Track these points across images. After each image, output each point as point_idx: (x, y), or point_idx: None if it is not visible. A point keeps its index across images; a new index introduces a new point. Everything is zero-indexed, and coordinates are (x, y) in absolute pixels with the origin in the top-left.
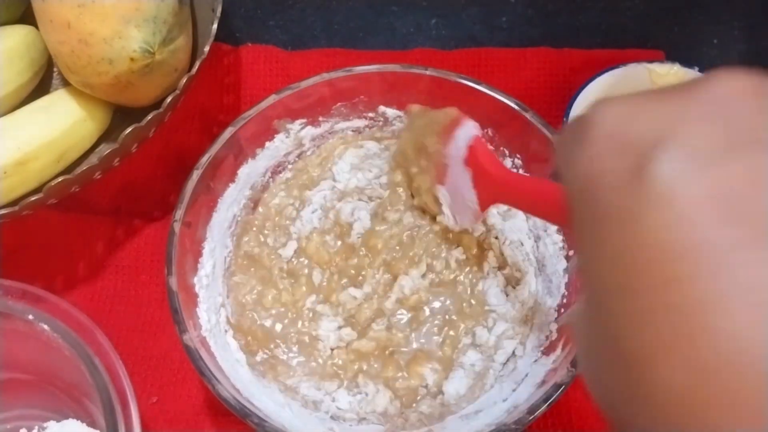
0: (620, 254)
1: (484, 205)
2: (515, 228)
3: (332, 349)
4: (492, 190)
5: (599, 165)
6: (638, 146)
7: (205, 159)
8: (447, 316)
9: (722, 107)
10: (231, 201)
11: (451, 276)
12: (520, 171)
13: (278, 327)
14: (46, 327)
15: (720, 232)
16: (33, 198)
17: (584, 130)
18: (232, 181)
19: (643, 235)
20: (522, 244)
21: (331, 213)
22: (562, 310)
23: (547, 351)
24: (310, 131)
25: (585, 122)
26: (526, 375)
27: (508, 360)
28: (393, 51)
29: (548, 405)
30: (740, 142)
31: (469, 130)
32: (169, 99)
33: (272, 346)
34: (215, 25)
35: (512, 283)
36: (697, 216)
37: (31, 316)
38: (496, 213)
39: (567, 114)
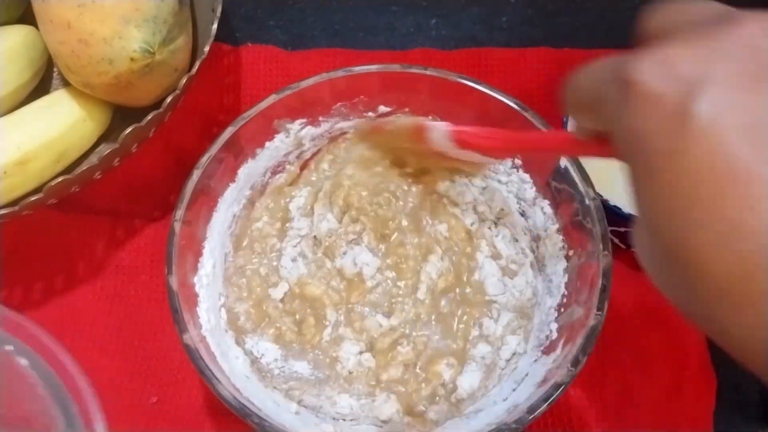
0: (673, 183)
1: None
2: (509, 223)
3: (350, 372)
4: (498, 155)
5: (644, 121)
6: (677, 92)
7: (205, 159)
8: (456, 303)
9: (750, 47)
10: (231, 201)
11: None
12: (520, 171)
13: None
14: (25, 362)
15: (756, 156)
16: (33, 198)
17: (623, 87)
18: (232, 180)
19: (691, 164)
20: (516, 240)
21: (323, 263)
22: (562, 310)
23: (547, 350)
24: (310, 131)
25: (621, 78)
26: (526, 374)
27: (511, 357)
28: (393, 51)
29: (548, 405)
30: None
31: (439, 130)
32: (169, 99)
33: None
34: (215, 25)
35: (508, 275)
36: (735, 141)
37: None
38: (488, 211)
39: (567, 113)
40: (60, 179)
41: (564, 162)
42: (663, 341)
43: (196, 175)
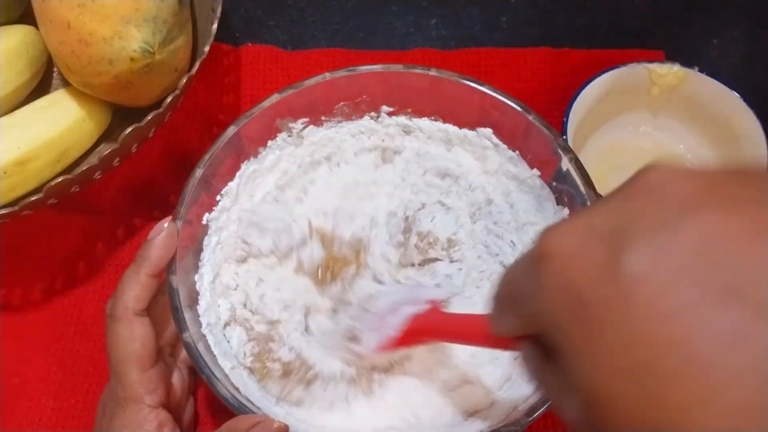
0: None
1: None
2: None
3: None
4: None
5: (572, 278)
6: (600, 248)
7: (207, 157)
8: None
9: (658, 193)
10: None
11: None
12: None
13: None
14: None
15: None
16: (33, 198)
17: (540, 261)
18: (233, 179)
19: (630, 318)
20: (514, 244)
21: None
22: None
23: None
24: (313, 130)
25: (536, 256)
26: None
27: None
28: (393, 51)
29: (547, 406)
30: (676, 216)
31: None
32: (169, 99)
33: None
34: (215, 25)
35: None
36: (671, 290)
37: None
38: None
39: (567, 114)
40: (60, 179)
41: (566, 164)
42: None
43: (198, 173)
